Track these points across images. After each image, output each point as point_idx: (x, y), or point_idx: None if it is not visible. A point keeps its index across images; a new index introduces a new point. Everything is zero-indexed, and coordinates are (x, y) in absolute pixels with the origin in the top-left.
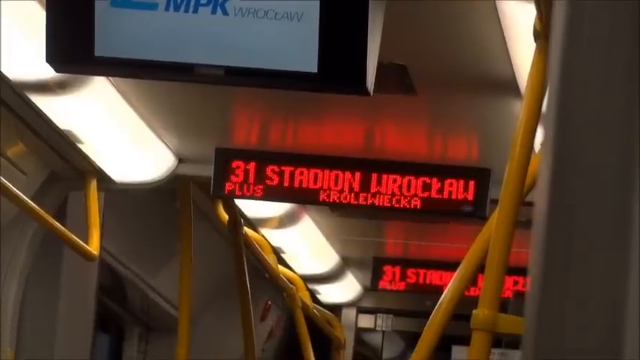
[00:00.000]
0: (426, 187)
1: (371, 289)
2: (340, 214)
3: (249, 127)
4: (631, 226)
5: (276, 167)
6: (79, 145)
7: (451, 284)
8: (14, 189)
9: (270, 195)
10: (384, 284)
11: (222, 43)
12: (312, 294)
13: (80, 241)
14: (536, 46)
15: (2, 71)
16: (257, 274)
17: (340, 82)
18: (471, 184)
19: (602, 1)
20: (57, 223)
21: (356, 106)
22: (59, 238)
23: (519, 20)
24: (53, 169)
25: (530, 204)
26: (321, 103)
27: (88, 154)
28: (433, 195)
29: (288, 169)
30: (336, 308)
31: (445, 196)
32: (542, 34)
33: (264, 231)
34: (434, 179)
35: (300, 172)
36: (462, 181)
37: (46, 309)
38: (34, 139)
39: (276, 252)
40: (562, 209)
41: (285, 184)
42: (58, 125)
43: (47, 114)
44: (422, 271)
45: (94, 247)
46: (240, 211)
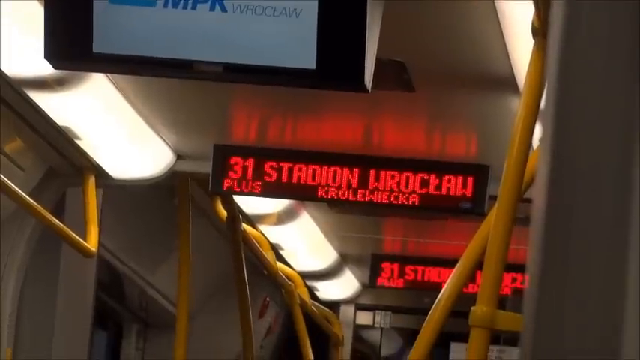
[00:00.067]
0: (424, 183)
1: (369, 285)
2: (338, 210)
3: (248, 124)
4: (629, 223)
5: (274, 164)
6: (77, 141)
7: (449, 281)
8: (12, 185)
9: (269, 191)
10: (382, 281)
11: (221, 39)
12: (311, 291)
13: (78, 238)
14: (535, 43)
15: (0, 68)
16: (255, 270)
17: (338, 79)
18: (470, 180)
19: None
20: (55, 219)
21: (354, 102)
22: (57, 234)
23: (517, 17)
24: (51, 166)
25: (528, 201)
26: (319, 99)
27: (86, 151)
28: (431, 192)
29: (286, 166)
30: (334, 305)
31: (443, 192)
32: (540, 31)
33: (263, 227)
34: (432, 176)
35: (299, 169)
36: (460, 178)
37: (44, 305)
38: (32, 135)
39: (275, 248)
40: (560, 206)
41: (284, 181)
42: (56, 121)
43: (45, 110)
44: (420, 267)
45: (92, 243)
46: (238, 207)
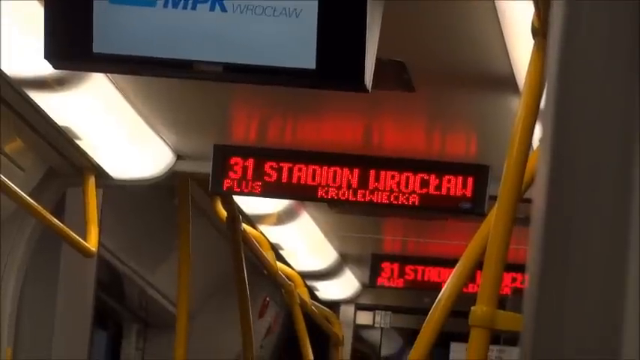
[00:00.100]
0: (424, 183)
1: (369, 285)
2: (338, 210)
3: (248, 124)
4: (629, 223)
5: (274, 164)
6: (77, 141)
7: (449, 281)
8: (12, 185)
9: (269, 191)
10: (382, 281)
11: (221, 39)
12: (311, 290)
13: (78, 238)
14: (535, 43)
15: (1, 68)
16: (255, 270)
17: (338, 79)
18: (470, 180)
19: None
20: (55, 219)
21: (354, 102)
22: (57, 234)
23: (517, 17)
24: (51, 166)
25: (528, 200)
26: (319, 99)
27: (87, 151)
28: (431, 192)
29: (286, 166)
30: (334, 305)
31: (443, 192)
32: (540, 31)
33: (263, 227)
34: (432, 176)
35: (299, 169)
36: (460, 178)
37: (44, 305)
38: (33, 135)
39: (275, 248)
40: (560, 206)
41: (284, 181)
42: (56, 122)
43: (45, 110)
44: (420, 267)
45: (92, 243)
46: (238, 207)
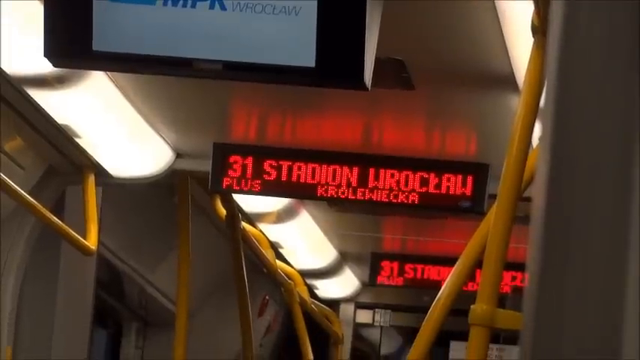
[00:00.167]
0: (423, 182)
1: (369, 284)
2: (338, 209)
3: (247, 122)
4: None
5: (273, 162)
6: (77, 139)
7: (449, 279)
8: (12, 183)
9: (268, 190)
10: (382, 279)
11: (221, 37)
12: (310, 289)
13: (78, 236)
14: (534, 42)
15: (0, 66)
16: (255, 269)
17: (338, 77)
18: (469, 179)
19: None
20: (55, 217)
21: (354, 100)
22: (57, 232)
23: (517, 15)
24: (51, 164)
25: (528, 199)
26: (318, 98)
27: (86, 149)
28: (431, 190)
29: (285, 164)
30: (334, 303)
31: (443, 191)
32: (539, 30)
33: (262, 226)
34: (432, 174)
35: (298, 167)
36: (459, 176)
37: (43, 303)
38: (32, 133)
39: (274, 247)
40: (560, 204)
41: (283, 179)
42: (56, 120)
43: (45, 108)
44: (420, 266)
45: (91, 241)
46: (238, 205)
